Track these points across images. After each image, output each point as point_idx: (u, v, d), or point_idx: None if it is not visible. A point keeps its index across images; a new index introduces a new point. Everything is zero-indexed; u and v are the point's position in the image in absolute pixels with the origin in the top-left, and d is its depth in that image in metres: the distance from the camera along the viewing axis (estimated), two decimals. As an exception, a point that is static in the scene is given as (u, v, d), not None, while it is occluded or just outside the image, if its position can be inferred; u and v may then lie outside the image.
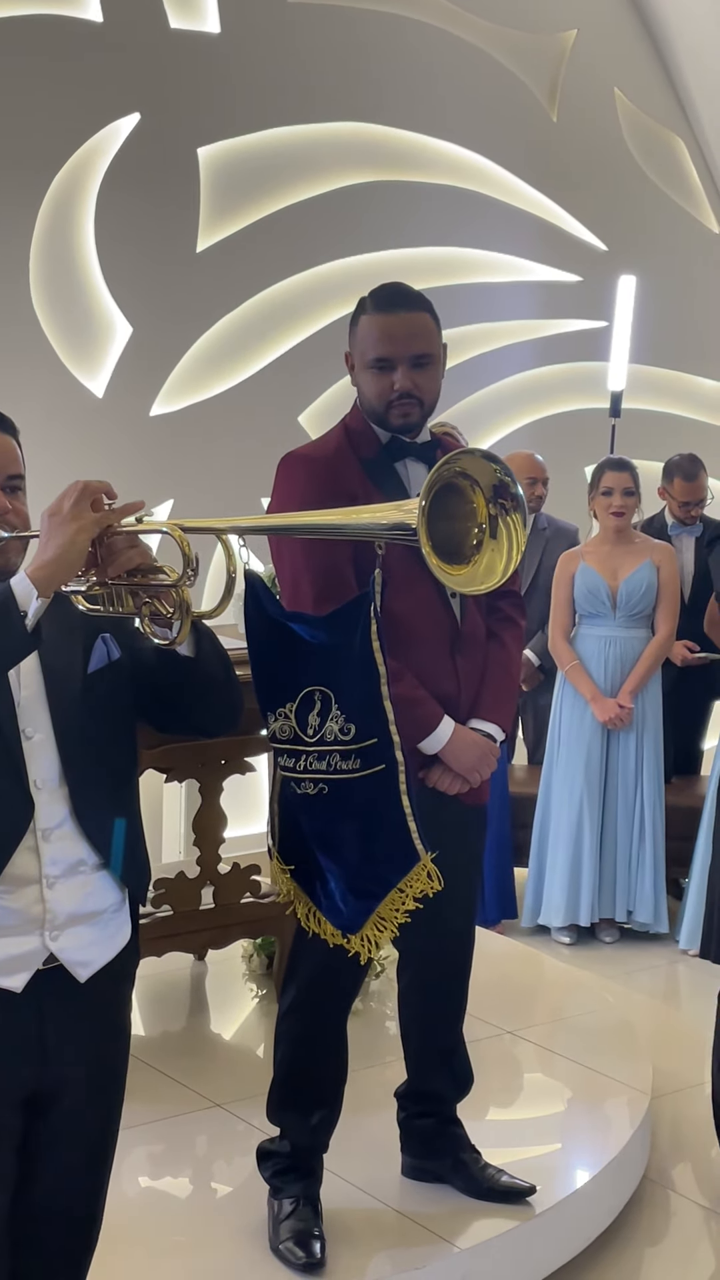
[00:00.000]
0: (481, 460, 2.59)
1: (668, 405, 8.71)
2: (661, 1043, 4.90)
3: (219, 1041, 4.49)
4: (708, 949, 3.88)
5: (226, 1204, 3.46)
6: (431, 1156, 3.52)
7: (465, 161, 7.97)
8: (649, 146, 8.71)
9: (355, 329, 3.29)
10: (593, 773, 6.03)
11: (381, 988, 4.58)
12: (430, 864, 2.86)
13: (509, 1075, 4.25)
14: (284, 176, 7.44)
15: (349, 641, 2.82)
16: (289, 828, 3.00)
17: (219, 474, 6.94)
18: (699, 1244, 3.81)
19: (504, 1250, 3.33)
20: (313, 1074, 3.27)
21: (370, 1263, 3.19)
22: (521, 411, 8.24)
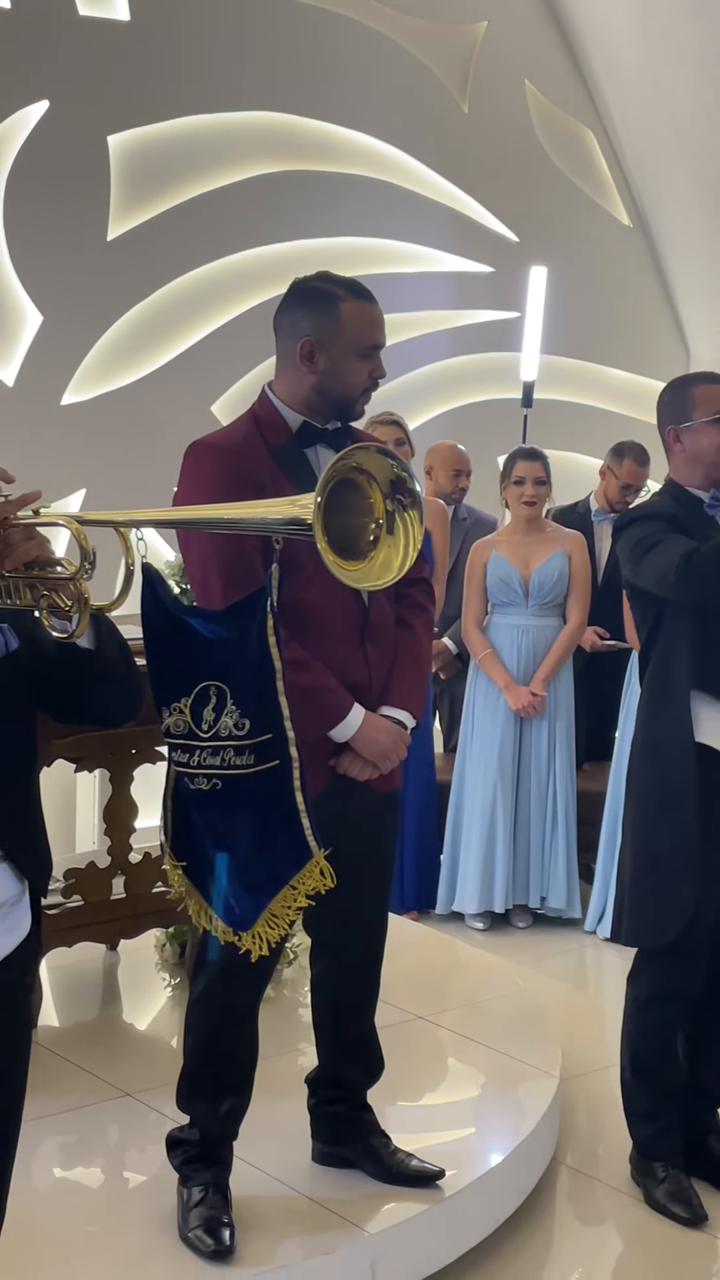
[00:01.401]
0: (378, 455, 2.59)
1: (579, 395, 8.76)
2: (572, 1026, 4.93)
3: (131, 1031, 4.46)
4: (617, 933, 3.89)
5: (138, 1193, 3.44)
6: (342, 1142, 3.52)
7: (377, 152, 7.97)
8: (559, 138, 8.75)
9: (333, 315, 3.22)
10: (506, 760, 6.05)
11: (295, 975, 4.57)
12: (323, 861, 2.86)
13: (421, 1060, 4.25)
14: (196, 165, 7.41)
15: (245, 637, 2.81)
16: (182, 823, 2.98)
17: (131, 463, 6.90)
18: (607, 1223, 3.83)
19: (414, 1234, 3.33)
20: (222, 1062, 3.25)
21: (279, 1248, 3.18)
22: (435, 401, 8.26)
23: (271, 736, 2.80)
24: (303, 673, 3.05)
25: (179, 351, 7.37)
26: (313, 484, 3.14)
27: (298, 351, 3.23)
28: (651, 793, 3.74)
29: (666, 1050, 3.86)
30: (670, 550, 3.54)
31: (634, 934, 3.79)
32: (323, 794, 3.12)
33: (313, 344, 3.22)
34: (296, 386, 3.25)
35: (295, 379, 3.25)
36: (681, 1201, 3.76)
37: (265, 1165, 3.47)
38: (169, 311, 7.34)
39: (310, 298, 3.25)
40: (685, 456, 3.76)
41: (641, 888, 3.74)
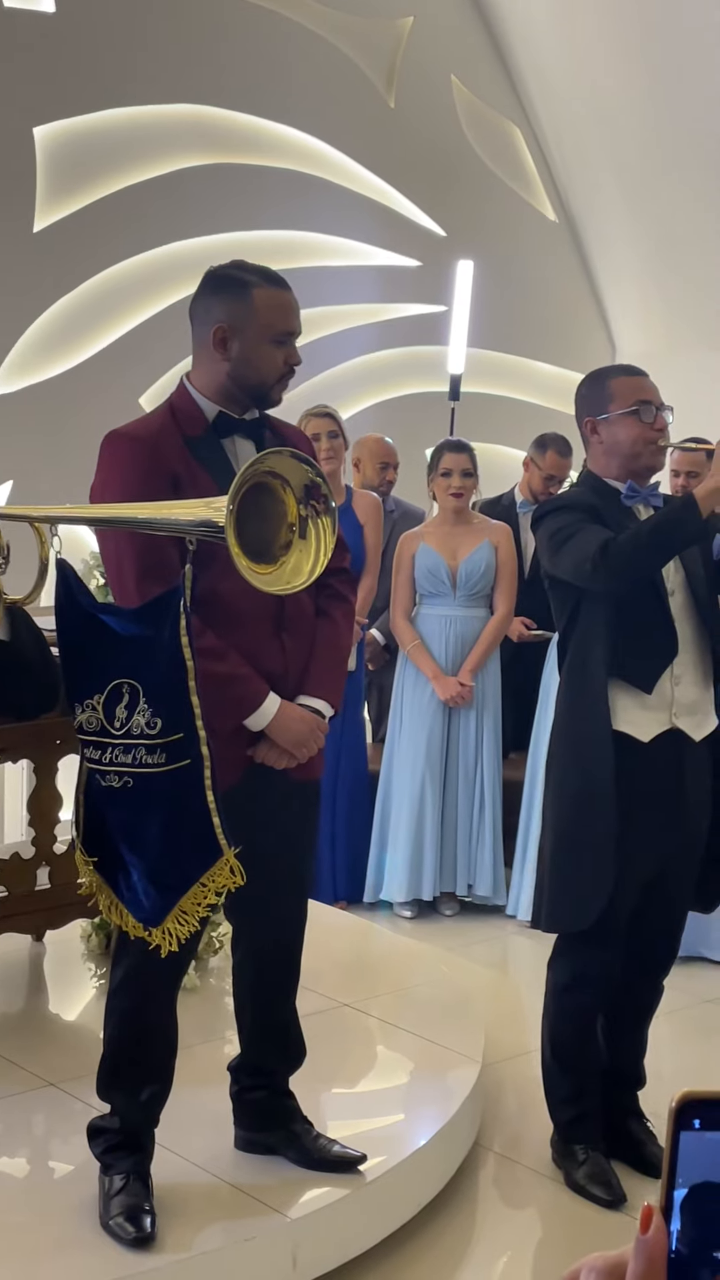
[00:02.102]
0: (292, 460, 2.59)
1: (505, 389, 8.80)
2: (497, 1012, 4.96)
3: (57, 1021, 4.45)
4: (537, 919, 3.92)
5: (62, 1182, 3.43)
6: (264, 1129, 3.52)
7: (303, 146, 7.97)
8: (486, 134, 8.78)
9: (246, 301, 3.21)
10: (434, 750, 6.08)
11: (220, 964, 4.57)
12: (234, 859, 2.87)
13: (347, 1047, 4.27)
14: (123, 158, 7.38)
15: (159, 635, 2.81)
16: (93, 819, 2.98)
17: (59, 456, 6.87)
18: (528, 1206, 3.86)
19: (335, 1218, 3.34)
20: (142, 1050, 3.25)
21: (201, 1235, 3.18)
22: (362, 394, 8.27)
23: (183, 736, 2.81)
24: (218, 661, 3.05)
25: (106, 344, 7.35)
26: (229, 476, 3.14)
27: (211, 338, 3.23)
28: (570, 780, 3.77)
29: (586, 1034, 3.89)
30: (587, 541, 3.57)
31: (553, 920, 3.82)
32: (239, 783, 3.13)
33: (226, 330, 3.22)
34: (212, 375, 3.25)
35: (210, 367, 3.25)
36: (601, 1183, 3.80)
37: (187, 1152, 3.47)
38: (96, 304, 7.31)
39: (223, 285, 3.26)
40: (602, 448, 3.78)
41: (560, 874, 3.77)
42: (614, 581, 3.56)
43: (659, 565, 3.63)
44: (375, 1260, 3.44)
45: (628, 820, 3.68)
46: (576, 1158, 3.86)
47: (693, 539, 3.62)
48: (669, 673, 3.71)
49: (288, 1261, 3.24)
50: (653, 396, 3.77)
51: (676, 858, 3.82)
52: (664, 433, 3.79)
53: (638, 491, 3.77)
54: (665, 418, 3.79)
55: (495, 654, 6.18)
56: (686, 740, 3.75)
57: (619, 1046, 3.99)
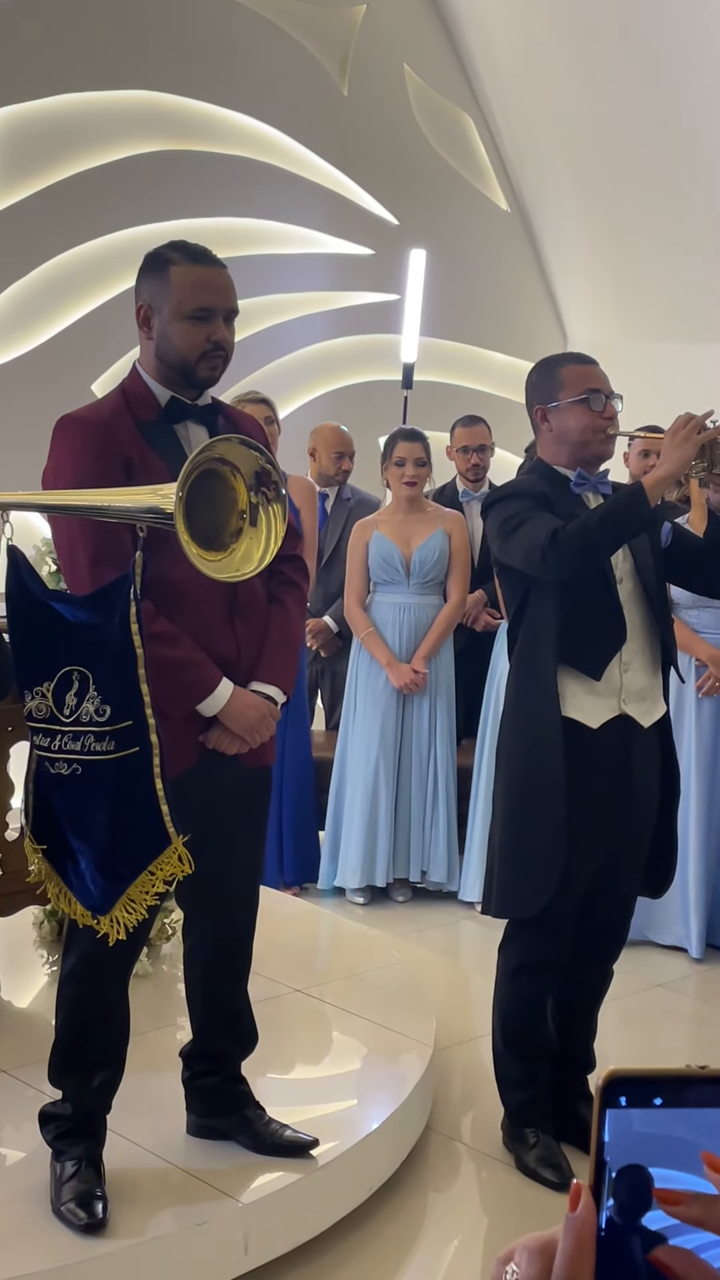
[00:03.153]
0: (242, 447, 2.59)
1: (458, 378, 8.81)
2: (448, 997, 4.98)
3: (8, 1008, 4.43)
4: (487, 905, 3.93)
5: (14, 1169, 3.42)
6: (216, 1114, 3.52)
7: (257, 133, 7.95)
8: (438, 123, 8.78)
9: (163, 279, 3.21)
10: (388, 737, 6.09)
11: (172, 950, 4.56)
12: (181, 848, 2.86)
13: (299, 1033, 4.27)
14: (77, 143, 7.35)
15: (108, 623, 2.81)
16: (42, 807, 2.97)
17: (10, 441, 6.82)
18: (479, 1189, 3.87)
19: (287, 1202, 3.35)
20: (94, 1036, 3.25)
21: (153, 1220, 3.18)
22: (316, 382, 8.27)
23: (132, 724, 2.80)
24: (171, 646, 3.05)
25: (58, 330, 7.31)
26: (181, 461, 3.13)
27: (137, 317, 3.24)
28: (520, 766, 3.77)
29: (536, 1019, 3.91)
30: (537, 528, 3.57)
31: (503, 906, 3.83)
32: (191, 768, 3.12)
33: (147, 308, 3.24)
34: (146, 356, 3.27)
35: (143, 347, 3.27)
36: (551, 1166, 3.81)
37: (139, 1138, 3.47)
38: (47, 290, 7.28)
39: (148, 265, 3.27)
40: (553, 436, 3.79)
41: (510, 860, 3.78)
42: (563, 570, 3.57)
43: (608, 553, 3.64)
44: (327, 1244, 3.45)
45: (577, 806, 3.68)
46: (527, 1141, 3.88)
47: (641, 527, 3.63)
48: (618, 659, 3.72)
49: (240, 1246, 3.24)
50: (602, 385, 3.78)
51: (626, 844, 3.83)
52: (613, 421, 3.80)
53: (586, 479, 3.78)
54: (615, 406, 3.79)
55: (449, 641, 6.19)
56: (635, 726, 3.77)
57: (569, 1031, 4.01)
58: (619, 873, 3.87)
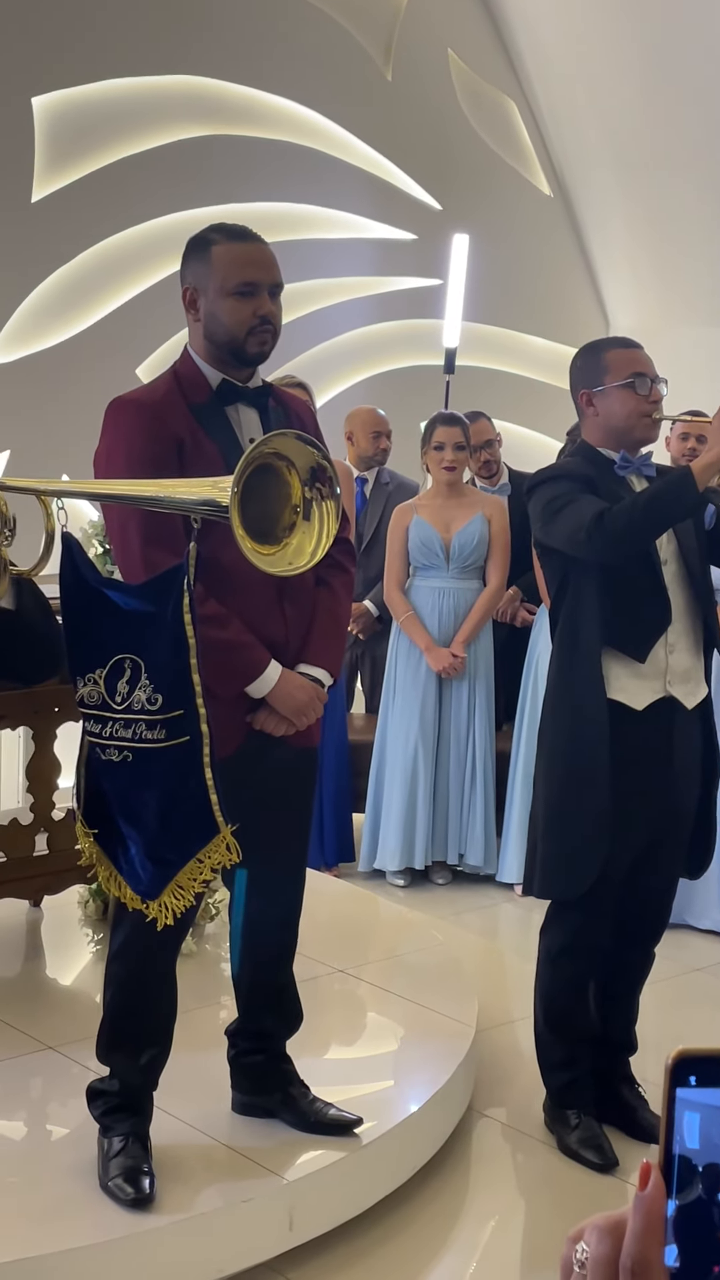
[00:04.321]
0: (298, 443, 2.58)
1: (499, 362, 8.78)
2: (489, 979, 4.97)
3: (54, 986, 4.45)
4: (529, 886, 3.92)
5: (61, 1144, 3.45)
6: (261, 1092, 3.53)
7: (301, 118, 7.93)
8: (482, 107, 8.74)
9: (205, 259, 3.21)
10: (427, 720, 6.08)
11: (216, 930, 4.58)
12: (230, 836, 2.86)
13: (342, 1012, 4.28)
14: (121, 128, 7.34)
15: (162, 611, 2.80)
16: (93, 792, 2.98)
17: (57, 425, 6.85)
18: (520, 1170, 3.87)
19: (331, 1180, 3.36)
20: (141, 1014, 3.26)
21: (199, 1196, 3.19)
22: (358, 367, 8.25)
23: (183, 713, 2.80)
24: (221, 628, 3.05)
25: (104, 314, 7.32)
26: (232, 443, 3.14)
27: (184, 301, 3.23)
28: (563, 749, 3.76)
29: (578, 1001, 3.90)
30: (582, 510, 3.55)
31: (546, 888, 3.82)
32: (240, 750, 3.12)
33: (193, 290, 3.23)
34: (195, 338, 3.26)
35: (192, 330, 3.26)
36: (594, 1148, 3.81)
37: (185, 1115, 3.48)
38: (94, 274, 7.28)
39: (191, 248, 3.27)
40: (598, 420, 3.77)
41: (553, 842, 3.77)
42: (609, 552, 3.55)
43: (654, 536, 3.62)
44: (370, 1222, 3.45)
45: (621, 789, 3.67)
46: (569, 1122, 3.87)
47: (689, 511, 3.61)
48: (663, 641, 3.70)
49: (284, 1223, 3.25)
50: (647, 369, 3.76)
51: (667, 826, 3.82)
52: (658, 405, 3.78)
53: (631, 462, 3.76)
54: (660, 390, 3.77)
55: (488, 626, 6.18)
56: (679, 708, 3.75)
57: (611, 1013, 4.00)
58: (660, 854, 3.86)
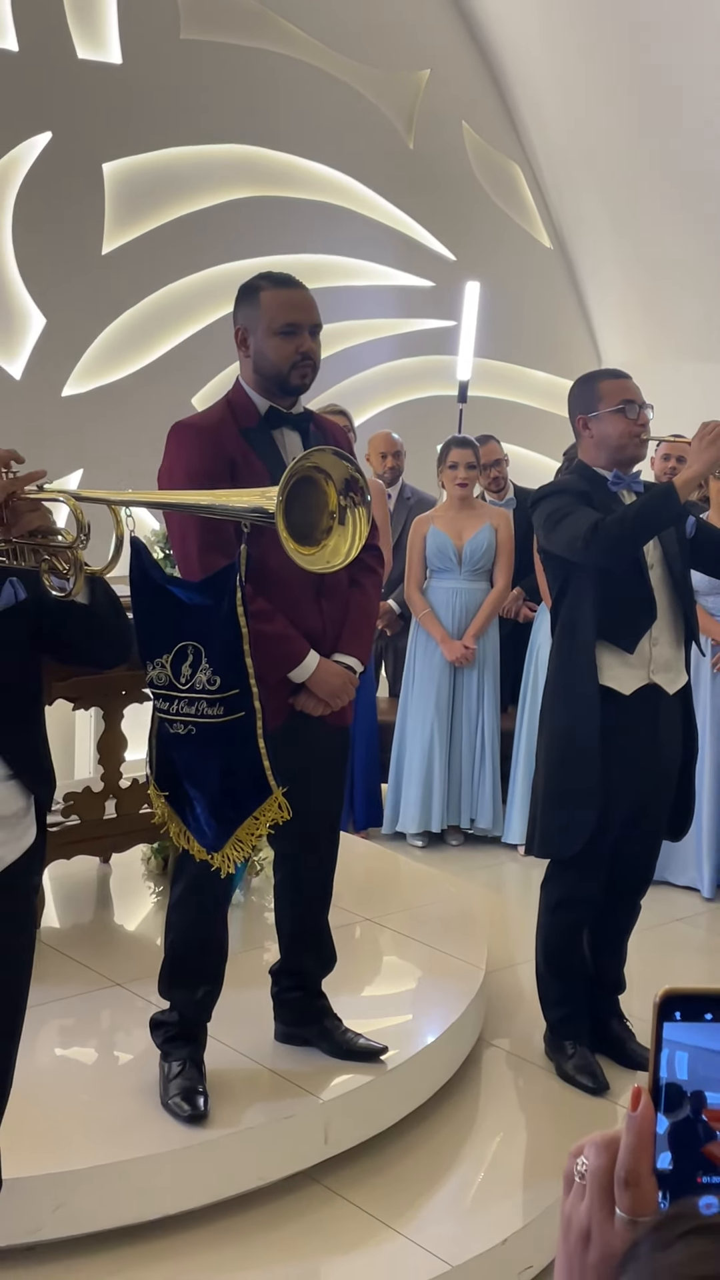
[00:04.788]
0: (334, 458, 2.58)
1: (506, 393, 8.75)
2: (495, 927, 4.96)
3: (121, 931, 4.46)
4: (531, 846, 3.92)
5: (126, 1068, 3.45)
6: (300, 1024, 3.54)
7: (334, 181, 7.91)
8: (491, 171, 8.71)
9: (254, 303, 3.19)
10: (442, 703, 6.08)
11: (261, 884, 4.58)
12: (281, 797, 2.86)
13: (369, 955, 4.27)
14: (180, 190, 7.34)
15: (219, 605, 2.80)
16: (163, 761, 2.98)
17: (122, 447, 6.86)
18: (524, 1093, 3.87)
19: (360, 1100, 3.36)
20: (197, 956, 3.26)
21: (246, 1113, 3.20)
22: (383, 397, 8.24)
23: (239, 692, 2.80)
24: (267, 622, 3.05)
25: (164, 351, 7.32)
26: (278, 462, 3.13)
27: (236, 339, 3.23)
28: (561, 728, 3.75)
29: (574, 946, 3.90)
30: (579, 521, 3.54)
31: (545, 847, 3.82)
32: (282, 727, 3.12)
33: (244, 331, 3.22)
34: (246, 371, 3.25)
35: (243, 365, 3.25)
36: (588, 1073, 3.80)
37: (234, 1043, 3.49)
38: (155, 316, 7.29)
39: (242, 294, 3.26)
40: (593, 441, 3.76)
41: (552, 808, 3.76)
42: (603, 557, 3.54)
43: (642, 543, 3.61)
44: (394, 1136, 3.46)
45: (610, 762, 3.67)
46: (566, 1051, 3.87)
47: (672, 521, 3.60)
48: (648, 635, 3.69)
49: (320, 1136, 3.25)
50: (636, 396, 3.74)
51: (651, 794, 3.81)
52: (646, 428, 3.76)
53: (622, 479, 3.75)
54: (647, 414, 3.76)
55: (495, 621, 6.17)
56: (662, 694, 3.74)
57: (602, 957, 3.99)
58: (645, 820, 3.85)
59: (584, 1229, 0.86)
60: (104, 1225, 2.96)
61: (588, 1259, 0.86)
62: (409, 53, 8.23)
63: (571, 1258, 0.87)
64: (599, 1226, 0.85)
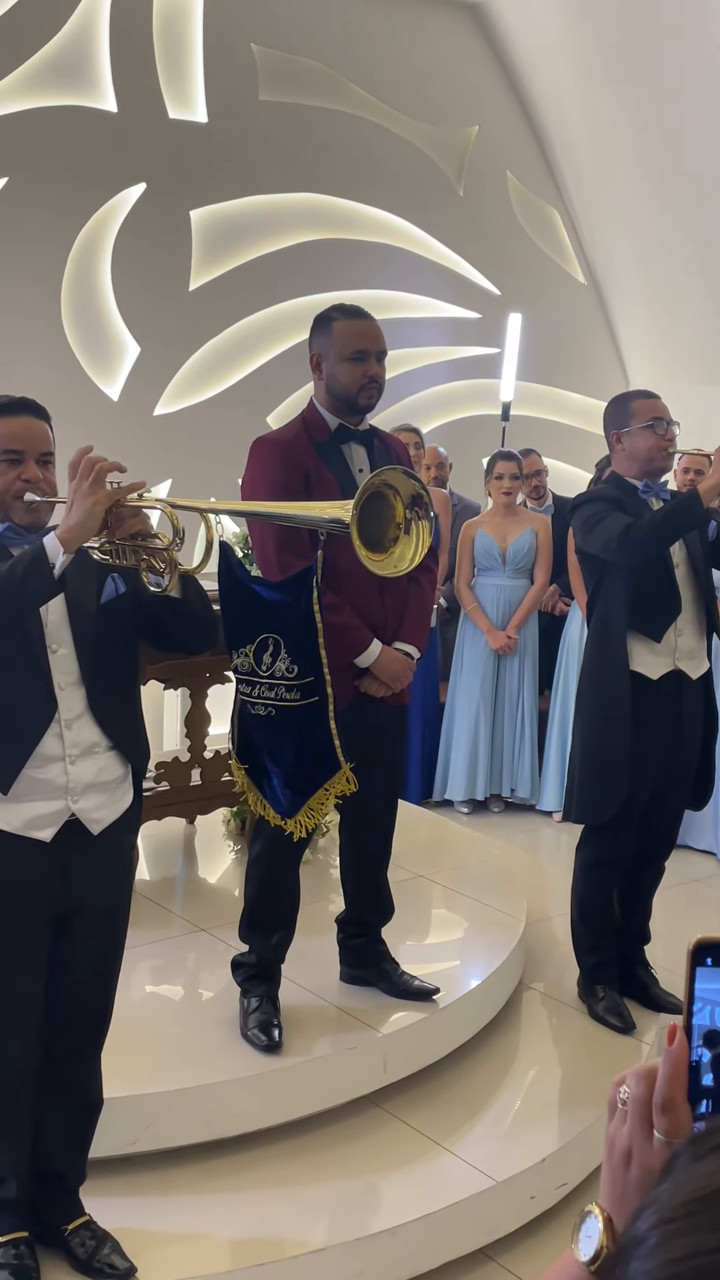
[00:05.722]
0: (403, 476, 2.58)
1: (544, 412, 8.69)
2: (534, 884, 4.94)
3: (204, 883, 4.49)
4: (568, 813, 3.90)
5: (209, 1003, 3.47)
6: (362, 966, 3.54)
7: (392, 224, 7.88)
8: (532, 215, 8.64)
9: (328, 332, 3.17)
10: (486, 686, 6.06)
11: (327, 844, 4.58)
12: (349, 771, 2.86)
13: (422, 907, 4.27)
14: (256, 234, 7.34)
15: (297, 602, 2.81)
16: (245, 738, 2.99)
17: (205, 460, 6.88)
18: (559, 1030, 3.85)
19: (415, 1035, 3.36)
20: (273, 905, 3.27)
21: (315, 1044, 3.21)
22: (435, 416, 8.20)
23: (313, 679, 2.81)
24: (336, 614, 3.04)
25: (242, 376, 7.32)
26: (345, 473, 3.13)
27: (311, 364, 3.22)
28: (595, 709, 3.73)
29: (604, 902, 3.87)
30: (613, 525, 3.52)
31: (581, 814, 3.80)
32: (349, 707, 3.12)
33: (318, 357, 3.21)
34: (319, 392, 3.24)
35: (316, 386, 3.24)
36: (616, 1014, 3.78)
37: (305, 983, 3.50)
38: (235, 345, 7.29)
39: (317, 323, 3.24)
40: (625, 454, 3.72)
41: (587, 779, 3.74)
42: (634, 556, 3.52)
43: (668, 544, 3.58)
44: (445, 1066, 3.46)
45: (640, 739, 3.64)
46: (597, 995, 3.85)
47: (696, 524, 3.56)
48: (673, 626, 3.66)
49: (380, 1065, 3.26)
50: (665, 414, 3.71)
51: (675, 769, 3.78)
52: (673, 442, 3.73)
53: (651, 488, 3.72)
54: (674, 430, 3.72)
55: (535, 615, 6.14)
56: (685, 679, 3.71)
57: (630, 911, 3.97)
58: (670, 790, 3.82)
59: (626, 1150, 0.86)
60: (190, 1140, 2.99)
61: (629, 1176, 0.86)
62: (460, 111, 8.17)
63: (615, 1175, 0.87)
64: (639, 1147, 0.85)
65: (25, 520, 2.38)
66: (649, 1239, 0.63)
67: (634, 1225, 0.66)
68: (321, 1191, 2.90)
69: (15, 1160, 2.47)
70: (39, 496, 2.37)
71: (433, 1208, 2.84)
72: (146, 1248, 2.61)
